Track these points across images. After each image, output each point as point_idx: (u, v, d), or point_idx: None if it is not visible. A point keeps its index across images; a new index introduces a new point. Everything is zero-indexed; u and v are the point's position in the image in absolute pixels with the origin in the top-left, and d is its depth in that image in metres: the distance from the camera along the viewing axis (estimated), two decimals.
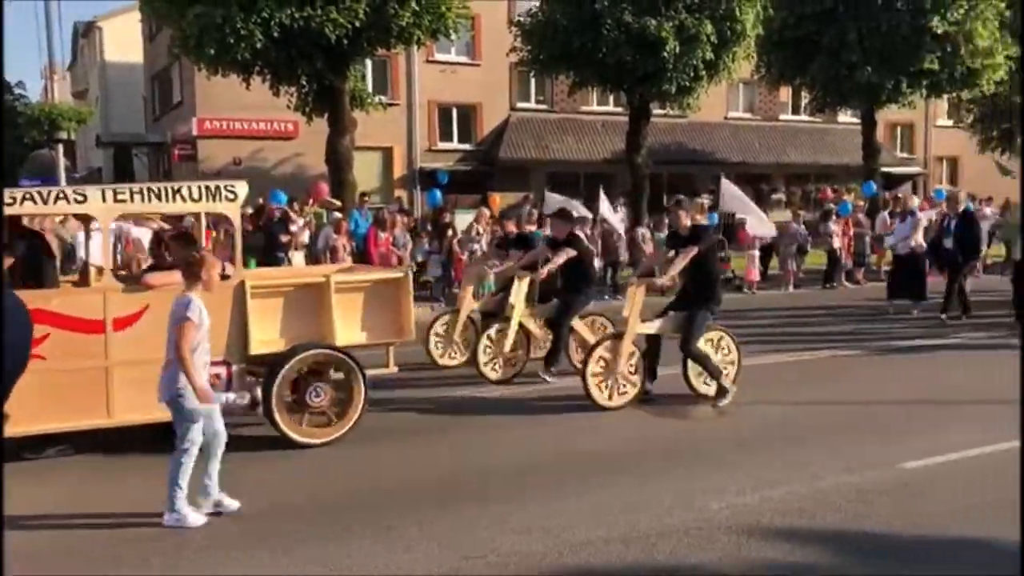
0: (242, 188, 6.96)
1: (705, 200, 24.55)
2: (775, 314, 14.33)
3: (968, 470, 6.05)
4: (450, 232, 16.39)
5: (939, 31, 21.92)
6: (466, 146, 30.03)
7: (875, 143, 26.46)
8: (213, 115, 25.75)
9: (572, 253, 8.97)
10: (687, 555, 4.69)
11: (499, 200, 23.27)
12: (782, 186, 33.17)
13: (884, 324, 13.04)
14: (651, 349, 8.21)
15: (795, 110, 34.88)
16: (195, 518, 5.11)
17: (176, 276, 5.60)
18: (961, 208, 13.35)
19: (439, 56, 28.53)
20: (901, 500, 5.47)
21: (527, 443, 6.98)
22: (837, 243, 17.99)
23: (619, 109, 29.07)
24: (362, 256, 15.06)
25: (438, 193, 20.23)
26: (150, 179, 34.35)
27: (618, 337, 7.93)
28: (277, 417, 6.62)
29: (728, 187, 15.13)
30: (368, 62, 24.26)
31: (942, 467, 6.10)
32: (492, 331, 9.09)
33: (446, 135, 29.90)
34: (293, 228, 14.83)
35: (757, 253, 17.56)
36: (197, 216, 7.94)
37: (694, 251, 7.79)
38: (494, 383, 8.99)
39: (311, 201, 16.72)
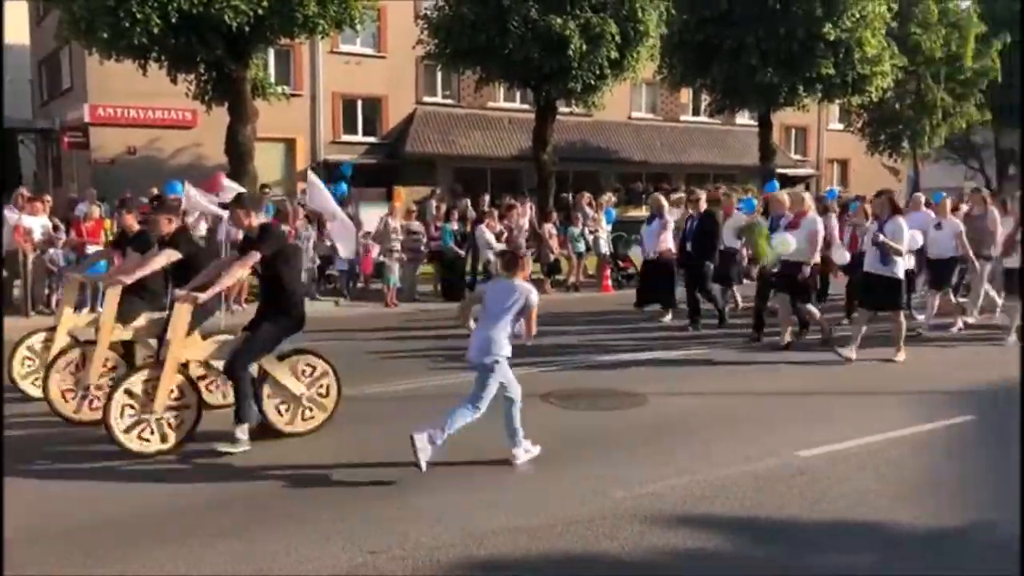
0: None
1: (608, 196, 24.92)
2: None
3: (860, 457, 6.30)
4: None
5: (832, 38, 22.79)
6: (371, 139, 29.71)
7: (771, 145, 27.35)
8: (106, 102, 24.74)
9: (174, 256, 7.28)
10: (593, 544, 4.75)
11: (404, 194, 23.09)
12: (682, 185, 33.99)
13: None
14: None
15: (695, 111, 35.76)
16: (535, 449, 6.29)
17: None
18: (704, 208, 12.36)
19: (344, 47, 28.16)
20: (797, 487, 5.67)
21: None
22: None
23: (525, 106, 29.27)
24: None
25: (344, 185, 19.95)
26: (37, 167, 32.83)
27: (156, 367, 6.45)
28: None
29: (314, 183, 12.73)
30: (271, 51, 23.73)
31: (835, 455, 6.35)
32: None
33: (351, 127, 29.52)
34: (189, 219, 14.39)
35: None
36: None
37: (255, 256, 6.51)
38: (77, 423, 7.13)
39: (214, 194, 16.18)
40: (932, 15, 28.93)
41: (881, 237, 9.48)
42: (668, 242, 12.86)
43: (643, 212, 28.34)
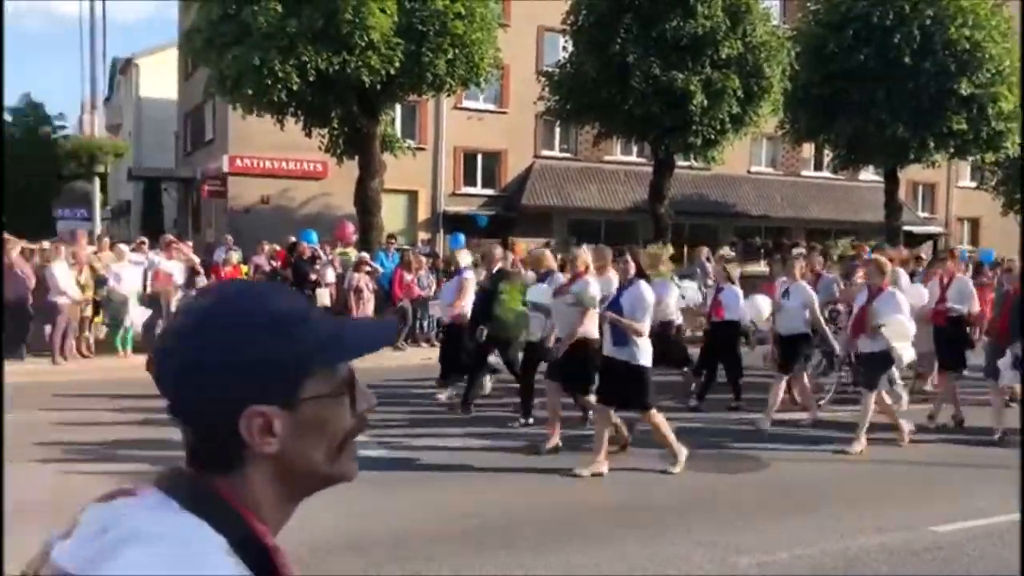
0: None
1: (725, 251, 24.82)
2: None
3: (1000, 535, 6.01)
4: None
5: (965, 93, 22.10)
6: (489, 191, 30.34)
7: (897, 201, 26.54)
8: (244, 153, 26.17)
9: None
10: None
11: (522, 246, 23.44)
12: (803, 240, 33.25)
13: None
14: None
15: (817, 166, 35.07)
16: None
17: None
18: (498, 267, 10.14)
19: (467, 103, 28.96)
20: (933, 563, 5.44)
21: (546, 492, 6.98)
22: None
23: (642, 160, 29.38)
24: (387, 296, 15.22)
25: (461, 237, 20.45)
26: (178, 213, 34.90)
27: None
28: None
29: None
30: (398, 107, 24.71)
31: (973, 532, 6.07)
32: None
33: (470, 180, 30.25)
34: (319, 267, 15.06)
35: None
36: None
37: None
38: None
39: (337, 241, 16.92)
40: None
41: (610, 314, 7.28)
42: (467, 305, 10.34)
43: (762, 267, 27.98)
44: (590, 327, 7.73)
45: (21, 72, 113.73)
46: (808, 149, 33.48)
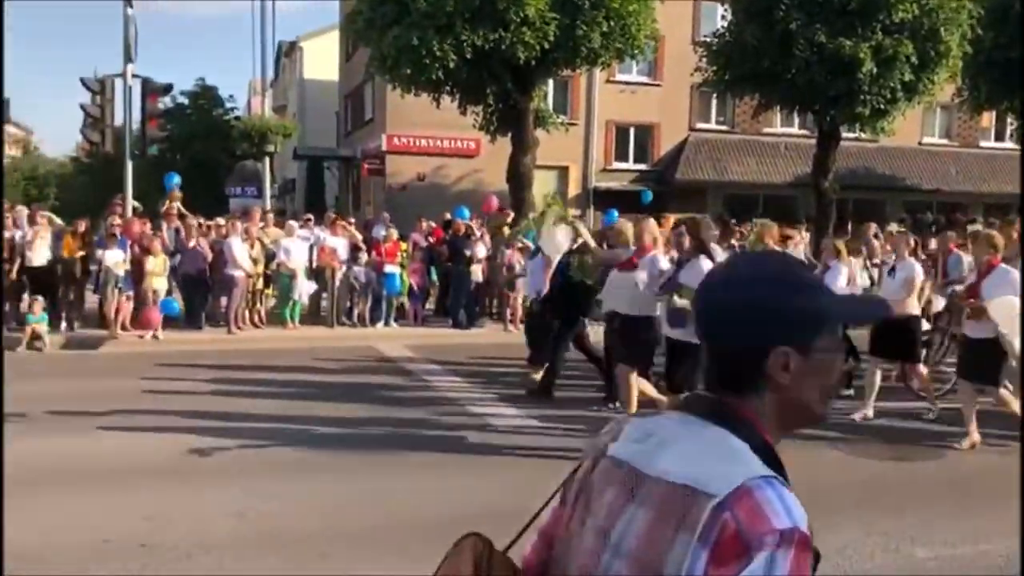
0: None
1: (894, 227, 23.45)
2: None
3: None
4: None
5: None
6: (641, 166, 29.90)
7: None
8: (401, 132, 26.86)
9: None
10: None
11: (671, 221, 22.99)
12: (980, 217, 31.05)
13: None
14: None
15: (998, 136, 32.61)
16: None
17: None
18: None
19: (620, 76, 28.58)
20: None
21: None
22: None
23: (804, 131, 28.18)
24: None
25: (615, 213, 20.26)
26: (339, 191, 36.30)
27: None
28: None
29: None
30: (551, 82, 24.68)
31: None
32: None
33: (622, 155, 29.89)
34: (472, 243, 15.25)
35: None
36: None
37: None
38: None
39: (484, 216, 17.08)
40: None
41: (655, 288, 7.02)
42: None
43: (933, 245, 26.16)
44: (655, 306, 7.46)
45: (191, 57, 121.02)
46: (988, 118, 31.14)
